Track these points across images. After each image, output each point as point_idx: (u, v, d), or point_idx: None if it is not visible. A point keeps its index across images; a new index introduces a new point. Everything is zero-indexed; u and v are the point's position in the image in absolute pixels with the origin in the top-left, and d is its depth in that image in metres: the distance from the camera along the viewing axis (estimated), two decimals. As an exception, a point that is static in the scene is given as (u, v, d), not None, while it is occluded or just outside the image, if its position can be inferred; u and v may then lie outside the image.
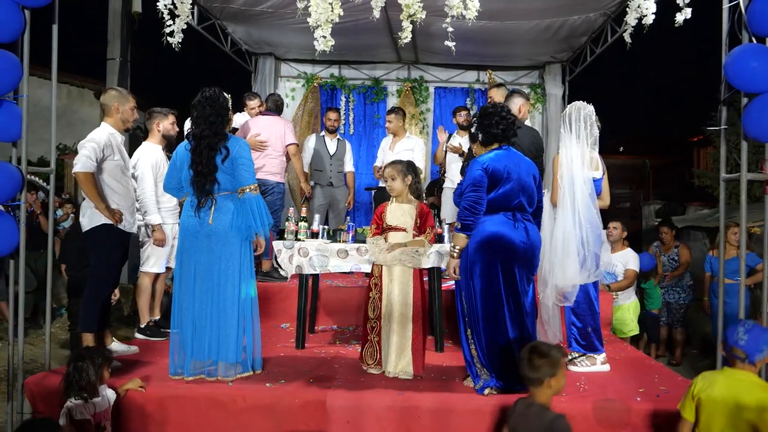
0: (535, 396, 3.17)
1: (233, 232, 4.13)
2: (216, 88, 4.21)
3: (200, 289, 4.12)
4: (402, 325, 4.31)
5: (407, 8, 4.74)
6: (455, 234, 3.98)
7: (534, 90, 9.79)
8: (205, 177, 4.09)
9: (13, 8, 3.86)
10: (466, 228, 3.91)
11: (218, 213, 4.12)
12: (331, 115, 7.64)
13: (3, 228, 3.90)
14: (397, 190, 4.46)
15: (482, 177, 3.90)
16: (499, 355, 3.93)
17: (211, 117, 4.10)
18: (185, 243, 4.20)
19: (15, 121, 3.94)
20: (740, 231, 4.03)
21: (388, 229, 4.44)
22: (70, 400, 3.50)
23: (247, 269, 4.21)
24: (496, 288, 3.93)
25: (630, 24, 5.04)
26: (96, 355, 3.61)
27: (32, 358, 5.81)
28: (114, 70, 7.27)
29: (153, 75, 14.49)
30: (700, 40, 6.10)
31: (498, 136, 4.05)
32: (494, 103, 4.25)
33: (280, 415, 3.81)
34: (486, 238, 3.92)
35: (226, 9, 7.54)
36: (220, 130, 4.14)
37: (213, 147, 4.08)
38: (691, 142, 20.35)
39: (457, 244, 3.97)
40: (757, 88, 3.69)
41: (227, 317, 4.10)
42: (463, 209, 3.92)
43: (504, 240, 3.92)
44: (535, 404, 3.15)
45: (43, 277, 7.23)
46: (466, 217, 3.90)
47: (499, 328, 3.93)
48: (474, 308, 3.98)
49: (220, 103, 4.15)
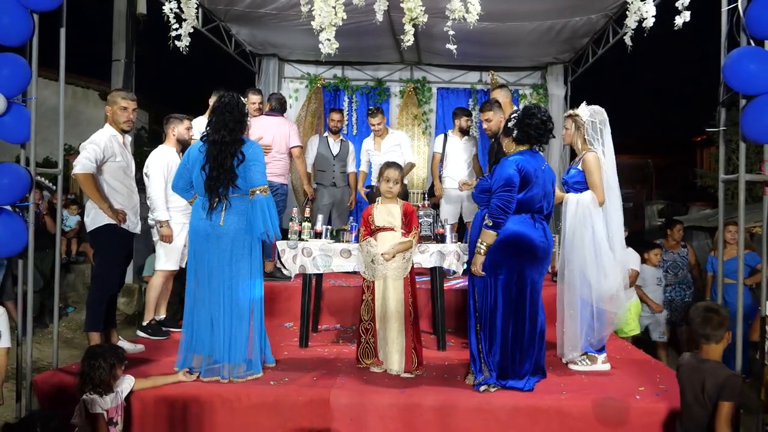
0: (708, 353, 3.29)
1: (244, 233, 4.16)
2: (234, 94, 4.25)
3: (212, 290, 4.15)
4: (398, 324, 4.39)
5: (409, 12, 4.78)
6: (484, 231, 3.98)
7: (536, 90, 9.82)
8: (220, 181, 4.11)
9: (22, 12, 3.92)
10: (497, 226, 3.95)
11: (229, 214, 4.15)
12: (335, 116, 7.69)
13: (12, 228, 3.95)
14: (395, 193, 4.53)
15: (516, 176, 3.95)
16: (510, 353, 3.99)
17: (231, 123, 4.13)
18: (196, 245, 4.23)
19: (24, 123, 4.00)
20: (738, 231, 4.06)
21: (378, 230, 4.51)
22: (86, 394, 3.58)
23: (257, 270, 4.26)
24: (518, 286, 3.99)
25: (630, 27, 5.07)
26: (109, 353, 3.69)
27: (39, 357, 5.87)
28: (119, 71, 7.32)
29: (157, 76, 14.52)
30: (702, 40, 6.13)
31: (532, 137, 4.10)
32: (538, 105, 4.27)
33: (284, 412, 3.86)
34: (509, 237, 3.97)
35: (230, 11, 7.59)
36: (238, 136, 4.17)
37: (233, 154, 4.11)
38: (694, 142, 20.33)
39: (485, 240, 3.99)
40: (754, 90, 3.73)
41: (239, 318, 4.15)
42: (496, 207, 3.94)
43: (526, 239, 3.98)
44: (709, 361, 3.27)
45: (50, 276, 7.30)
46: (498, 215, 3.94)
47: (517, 325, 4.00)
48: (490, 305, 4.02)
49: (239, 109, 4.19)
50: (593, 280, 4.38)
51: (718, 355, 3.30)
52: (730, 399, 3.12)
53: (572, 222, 4.44)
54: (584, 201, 4.43)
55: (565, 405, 3.81)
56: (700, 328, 3.29)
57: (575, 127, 4.53)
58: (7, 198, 3.92)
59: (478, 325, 4.10)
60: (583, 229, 4.39)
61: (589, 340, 4.49)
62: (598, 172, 4.41)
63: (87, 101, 15.08)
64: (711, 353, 3.29)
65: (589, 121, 4.47)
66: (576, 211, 4.44)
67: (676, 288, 7.56)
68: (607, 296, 4.38)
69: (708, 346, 3.29)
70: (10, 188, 3.90)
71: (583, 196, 4.44)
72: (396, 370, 4.33)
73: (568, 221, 4.49)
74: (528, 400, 3.85)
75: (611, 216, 4.48)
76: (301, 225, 5.27)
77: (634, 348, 5.48)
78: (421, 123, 9.89)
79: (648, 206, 15.32)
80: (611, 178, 4.49)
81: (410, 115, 9.89)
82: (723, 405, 3.12)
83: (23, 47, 4.02)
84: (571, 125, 4.57)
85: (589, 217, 4.40)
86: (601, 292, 4.38)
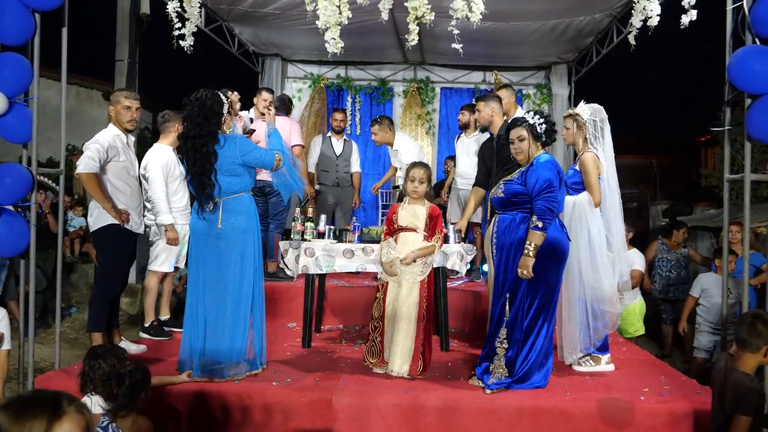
0: (741, 360, 3.19)
1: (242, 233, 4.15)
2: (210, 91, 4.14)
3: (212, 290, 4.14)
4: (406, 326, 4.33)
5: (414, 11, 4.77)
6: (533, 232, 3.91)
7: (540, 90, 9.79)
8: (201, 177, 4.07)
9: (23, 12, 3.92)
10: (546, 228, 3.92)
11: (227, 215, 4.13)
12: (337, 116, 7.66)
13: (14, 229, 3.95)
14: (421, 193, 4.43)
15: (556, 178, 3.97)
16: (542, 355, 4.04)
17: (198, 118, 4.05)
18: (195, 245, 4.23)
19: (26, 123, 3.99)
20: (744, 231, 4.03)
21: (399, 230, 4.43)
22: (87, 395, 3.58)
23: (258, 270, 4.25)
24: (553, 291, 4.05)
25: (635, 26, 5.05)
26: (110, 354, 3.67)
27: (41, 357, 5.87)
28: (122, 71, 7.31)
29: (161, 76, 14.53)
30: (707, 40, 6.10)
31: (548, 143, 4.16)
32: (539, 111, 4.28)
33: (286, 413, 3.84)
34: (548, 242, 3.95)
35: (234, 11, 7.59)
36: (205, 131, 4.06)
37: (198, 148, 4.04)
38: (698, 142, 20.26)
39: (534, 242, 3.91)
40: (760, 89, 3.71)
41: (239, 318, 4.14)
42: (546, 209, 3.90)
43: (562, 244, 4.03)
44: (737, 370, 3.17)
45: (53, 276, 7.30)
46: (547, 217, 3.91)
47: (549, 329, 4.06)
48: (524, 308, 4.00)
49: (208, 105, 4.07)
50: (590, 281, 4.37)
51: (751, 366, 3.17)
52: (747, 413, 3.05)
53: (568, 223, 4.42)
54: (580, 202, 4.41)
55: (570, 406, 3.78)
56: (741, 330, 3.19)
57: (576, 127, 4.50)
58: (9, 198, 3.92)
59: (504, 331, 4.04)
60: (578, 231, 4.37)
61: (591, 340, 4.47)
62: (595, 173, 4.39)
63: (91, 102, 15.12)
64: (743, 362, 3.17)
65: (590, 120, 4.44)
66: (572, 213, 4.43)
67: (678, 288, 7.56)
68: (606, 297, 4.37)
69: (743, 352, 3.17)
70: (12, 188, 3.90)
71: (580, 198, 4.42)
72: (396, 372, 4.29)
73: (565, 223, 4.47)
74: (532, 401, 3.83)
75: (611, 216, 4.45)
76: (303, 225, 5.25)
77: (639, 348, 5.45)
78: (424, 123, 9.88)
79: (652, 206, 15.29)
80: (611, 178, 4.46)
81: (413, 115, 9.87)
82: (740, 419, 3.06)
83: (25, 47, 4.02)
84: (572, 125, 4.53)
85: (585, 218, 4.39)
86: (599, 293, 4.37)
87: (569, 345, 4.51)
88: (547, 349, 4.07)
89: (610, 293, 4.38)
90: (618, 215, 4.49)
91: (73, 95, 14.42)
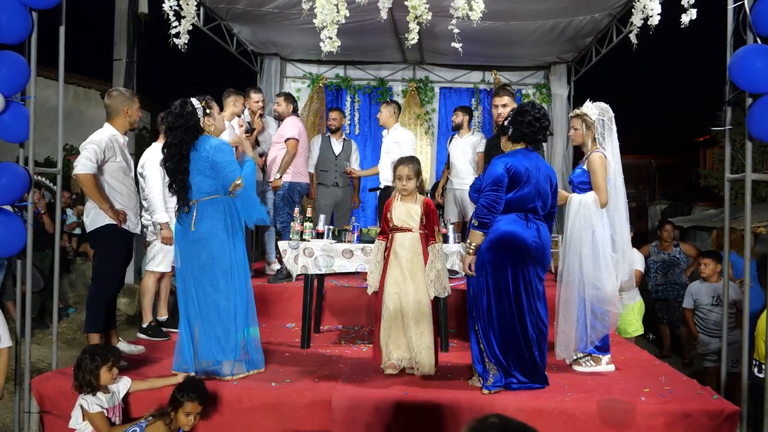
0: None
1: (219, 236, 4.14)
2: (186, 100, 4.17)
3: (196, 290, 4.16)
4: (418, 323, 4.29)
5: (414, 9, 4.74)
6: (472, 231, 3.98)
7: (539, 90, 9.76)
8: (177, 178, 4.12)
9: (20, 10, 3.89)
10: (483, 226, 3.93)
11: (200, 219, 4.13)
12: (332, 115, 7.60)
13: (10, 228, 3.93)
14: (410, 191, 4.37)
15: (504, 176, 3.92)
16: (510, 351, 3.96)
17: (174, 128, 4.11)
18: (179, 245, 4.25)
19: (22, 123, 3.97)
20: (745, 231, 4.01)
21: (395, 230, 4.40)
22: (81, 396, 3.58)
23: (241, 268, 4.23)
24: (508, 286, 3.96)
25: (636, 25, 5.03)
26: (96, 353, 3.66)
27: (39, 358, 5.85)
28: (120, 70, 7.30)
29: (159, 75, 14.52)
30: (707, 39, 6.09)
31: (526, 136, 4.06)
32: (533, 103, 4.23)
33: (285, 414, 3.83)
34: (499, 237, 3.95)
35: (232, 10, 7.56)
36: (179, 139, 4.10)
37: (177, 154, 4.10)
38: (698, 142, 20.28)
39: (473, 241, 3.98)
40: (761, 89, 3.69)
41: (223, 317, 4.13)
42: (482, 207, 3.93)
43: (517, 239, 3.95)
44: None
45: (50, 276, 7.28)
46: (484, 215, 3.92)
47: (512, 325, 3.97)
48: (485, 305, 3.99)
49: (178, 113, 4.10)
50: (591, 281, 4.35)
51: None
52: None
53: (573, 222, 4.40)
54: (586, 202, 4.39)
55: (570, 406, 3.77)
56: None
57: (585, 127, 4.47)
58: (6, 197, 3.89)
59: (476, 325, 4.06)
60: (583, 230, 4.36)
61: (589, 339, 4.44)
62: (603, 174, 4.37)
63: (89, 101, 15.07)
64: None
65: (599, 120, 4.42)
66: (578, 212, 4.41)
67: (668, 288, 7.59)
68: (608, 297, 4.35)
69: None
70: (9, 188, 3.87)
71: (586, 197, 4.40)
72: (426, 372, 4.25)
73: (569, 221, 4.46)
74: (532, 402, 3.82)
75: (617, 216, 4.44)
76: (302, 225, 5.22)
77: (639, 349, 5.44)
78: (423, 123, 9.85)
79: (651, 206, 15.28)
80: (618, 178, 4.45)
81: (413, 115, 9.85)
82: None
83: (22, 45, 4.00)
84: (580, 125, 4.50)
85: (590, 218, 4.37)
86: (601, 293, 4.35)
87: (563, 342, 4.48)
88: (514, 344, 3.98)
89: (612, 294, 4.36)
90: (624, 215, 4.48)
91: (72, 95, 14.37)
